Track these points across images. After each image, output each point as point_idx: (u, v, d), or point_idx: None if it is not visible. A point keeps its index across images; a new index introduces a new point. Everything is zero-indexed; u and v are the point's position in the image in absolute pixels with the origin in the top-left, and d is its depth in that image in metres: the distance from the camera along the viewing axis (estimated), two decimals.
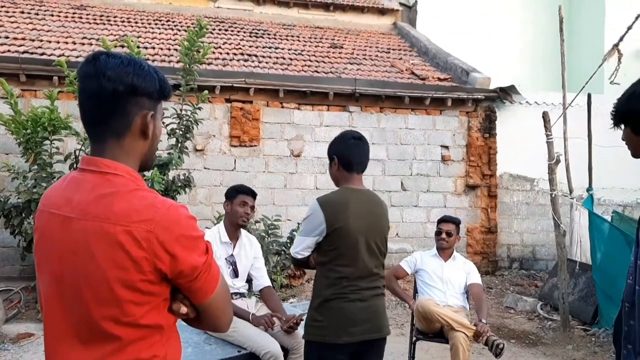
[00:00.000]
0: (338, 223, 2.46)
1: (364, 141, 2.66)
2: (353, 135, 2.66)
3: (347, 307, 2.46)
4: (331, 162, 2.64)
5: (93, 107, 1.27)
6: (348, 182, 2.60)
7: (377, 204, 2.64)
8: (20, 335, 5.33)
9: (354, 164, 2.59)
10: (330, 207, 2.49)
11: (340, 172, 2.61)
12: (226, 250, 3.61)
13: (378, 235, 2.58)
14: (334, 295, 2.47)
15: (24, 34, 8.24)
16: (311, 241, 2.53)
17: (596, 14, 11.94)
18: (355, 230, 2.47)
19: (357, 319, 2.47)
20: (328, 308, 2.47)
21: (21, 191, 5.81)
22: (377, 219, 2.59)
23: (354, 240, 2.47)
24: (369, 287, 2.53)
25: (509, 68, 11.58)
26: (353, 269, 2.48)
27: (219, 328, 1.38)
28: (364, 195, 2.59)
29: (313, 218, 2.51)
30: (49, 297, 1.26)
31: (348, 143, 2.62)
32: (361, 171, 2.63)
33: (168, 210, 1.21)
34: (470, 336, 3.94)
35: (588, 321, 6.14)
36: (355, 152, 2.61)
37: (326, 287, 2.50)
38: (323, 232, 2.48)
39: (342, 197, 2.55)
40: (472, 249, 8.75)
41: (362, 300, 2.49)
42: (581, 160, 6.90)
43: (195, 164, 7.65)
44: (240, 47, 9.45)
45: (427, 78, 9.09)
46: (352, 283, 2.47)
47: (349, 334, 2.44)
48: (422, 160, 8.68)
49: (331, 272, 2.49)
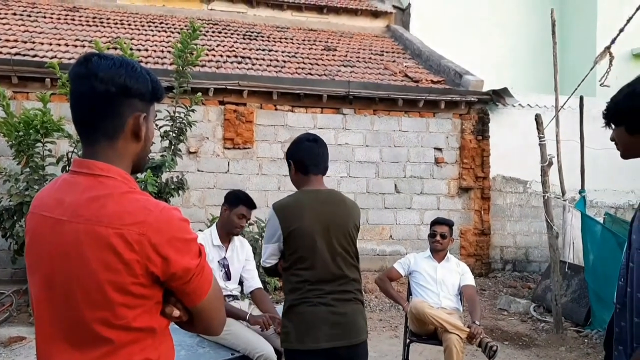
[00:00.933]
0: (293, 226, 2.42)
1: (319, 143, 2.61)
2: (307, 138, 2.63)
3: (310, 312, 2.39)
4: (289, 167, 2.62)
5: (85, 109, 1.26)
6: (306, 185, 2.56)
7: (337, 203, 2.56)
8: (11, 339, 5.30)
9: (309, 166, 2.55)
10: (284, 211, 2.47)
11: (298, 175, 2.58)
12: (218, 253, 3.60)
13: (342, 235, 2.49)
14: (297, 300, 2.42)
15: (16, 36, 8.21)
16: (273, 248, 2.51)
17: (588, 17, 12.03)
18: (311, 231, 2.42)
19: (322, 323, 2.38)
20: (293, 313, 2.43)
21: (13, 194, 5.77)
22: (338, 217, 2.50)
23: (311, 242, 2.41)
24: (336, 290, 2.43)
25: (501, 71, 11.64)
26: (313, 271, 2.41)
27: (212, 331, 1.38)
28: (321, 196, 2.53)
29: (270, 224, 2.50)
30: (41, 300, 1.25)
31: (302, 146, 2.59)
32: (319, 172, 2.58)
33: (160, 213, 1.20)
34: (463, 338, 3.95)
35: (581, 323, 6.17)
36: (309, 154, 2.56)
37: (290, 292, 2.46)
38: (280, 237, 2.45)
39: (296, 199, 2.52)
40: (466, 251, 8.77)
41: (327, 305, 2.40)
42: (574, 163, 6.94)
43: (188, 167, 7.63)
44: (233, 49, 9.44)
45: (421, 80, 9.11)
46: (315, 287, 2.41)
47: (313, 339, 2.36)
48: (416, 162, 8.70)
49: (293, 277, 2.45)
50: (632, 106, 1.68)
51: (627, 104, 1.69)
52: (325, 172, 2.62)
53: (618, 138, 1.76)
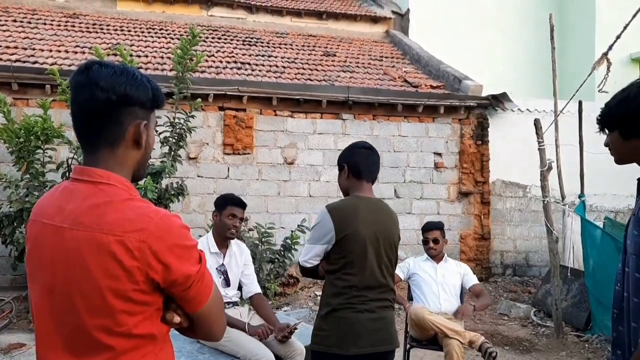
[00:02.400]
0: (347, 230, 2.43)
1: (374, 152, 2.69)
2: (364, 145, 2.69)
3: (354, 318, 2.41)
4: (341, 170, 2.64)
5: (86, 117, 1.27)
6: (357, 191, 2.58)
7: (387, 212, 2.62)
8: (11, 346, 5.29)
9: (363, 172, 2.59)
10: (339, 214, 2.47)
11: (350, 180, 2.61)
12: (216, 260, 3.59)
13: (388, 244, 2.53)
14: (341, 305, 2.42)
15: (16, 43, 8.23)
16: (320, 249, 2.50)
17: (587, 22, 12.06)
18: (364, 237, 2.44)
19: (365, 330, 2.41)
20: (335, 318, 2.43)
21: (13, 200, 5.76)
22: (386, 227, 2.56)
23: (363, 248, 2.43)
24: (378, 298, 2.48)
25: (500, 75, 11.66)
26: (361, 277, 2.43)
27: (213, 337, 1.38)
28: (373, 204, 2.57)
29: (322, 225, 2.48)
30: (41, 307, 1.26)
31: (358, 152, 2.64)
32: (371, 180, 2.63)
33: (161, 220, 1.21)
34: (464, 343, 3.96)
35: (581, 327, 6.16)
36: (365, 160, 2.61)
37: (334, 295, 2.46)
38: (332, 239, 2.44)
39: (351, 204, 2.53)
40: (466, 255, 8.76)
41: (370, 311, 2.43)
42: (573, 167, 6.94)
43: (188, 172, 7.63)
44: (233, 55, 9.46)
45: (420, 86, 9.13)
46: (360, 293, 2.43)
47: (357, 345, 2.39)
48: (415, 167, 8.70)
49: (339, 281, 2.45)
50: (625, 111, 1.68)
51: (620, 109, 1.70)
52: (374, 182, 2.66)
53: (612, 143, 1.76)
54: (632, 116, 1.67)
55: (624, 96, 1.70)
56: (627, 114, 1.68)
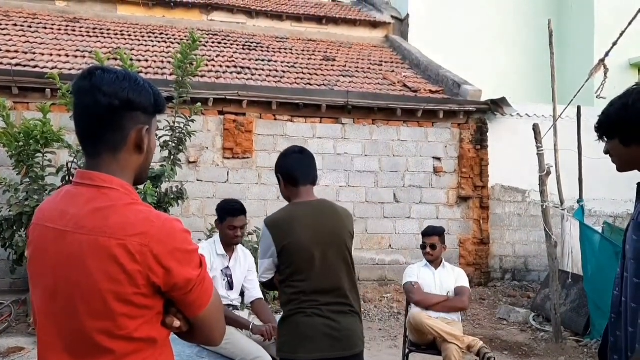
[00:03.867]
0: (286, 240, 2.42)
1: (305, 153, 2.63)
2: (293, 150, 2.65)
3: (304, 322, 2.39)
4: (279, 181, 2.62)
5: (88, 122, 1.27)
6: (297, 197, 2.55)
7: (329, 212, 2.56)
8: (10, 350, 5.28)
9: (298, 178, 2.54)
10: (276, 226, 2.47)
11: (288, 188, 2.58)
12: (222, 262, 3.64)
13: (337, 245, 2.49)
14: (292, 311, 2.42)
15: (16, 47, 8.24)
16: (268, 263, 2.50)
17: (585, 27, 12.10)
18: (306, 244, 2.41)
19: (315, 334, 2.38)
20: (288, 323, 2.44)
21: (13, 204, 5.77)
22: (332, 227, 2.50)
23: (307, 254, 2.41)
24: (331, 302, 2.43)
25: (500, 80, 11.67)
26: (309, 282, 2.41)
27: (212, 341, 1.39)
28: (313, 206, 2.53)
29: (264, 240, 2.50)
30: (42, 310, 1.26)
31: (288, 158, 2.60)
32: (309, 183, 2.57)
33: (163, 224, 1.22)
34: (463, 348, 3.96)
35: (580, 332, 6.16)
36: (297, 165, 2.56)
37: (285, 303, 2.47)
38: (274, 252, 2.45)
39: (287, 213, 2.52)
40: (465, 260, 8.77)
41: (321, 316, 2.39)
42: (572, 172, 6.96)
43: (188, 176, 7.64)
44: (233, 59, 9.49)
45: (419, 90, 9.16)
46: (310, 298, 2.40)
47: (306, 349, 2.36)
48: (415, 172, 8.72)
49: (288, 288, 2.45)
50: (625, 118, 1.67)
51: (620, 116, 1.68)
52: (315, 183, 2.61)
53: (613, 150, 1.75)
54: (632, 123, 1.66)
55: (622, 103, 1.69)
56: (627, 121, 1.66)
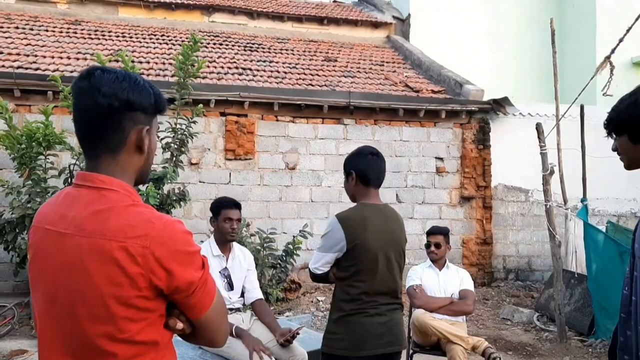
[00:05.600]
0: (357, 240, 2.50)
1: (380, 157, 2.71)
2: (370, 151, 2.71)
3: (366, 322, 2.50)
4: (348, 176, 2.68)
5: (88, 123, 1.26)
6: (365, 197, 2.64)
7: (394, 219, 2.69)
8: (13, 352, 5.27)
9: (371, 179, 2.64)
10: (349, 224, 2.53)
11: (358, 186, 2.65)
12: (219, 264, 3.59)
13: (397, 250, 2.62)
14: (353, 311, 2.52)
15: (18, 49, 8.25)
16: (331, 257, 2.58)
17: (588, 26, 12.07)
18: (374, 246, 2.51)
19: (376, 332, 2.50)
20: (347, 322, 2.52)
21: (15, 206, 5.77)
22: (394, 234, 2.64)
23: (373, 257, 2.51)
24: (388, 302, 2.57)
25: (502, 80, 11.67)
26: (372, 284, 2.52)
27: (215, 343, 1.37)
28: (381, 211, 2.64)
29: (332, 234, 2.55)
30: (43, 314, 1.25)
31: (366, 158, 2.67)
32: (378, 186, 2.68)
33: (164, 226, 1.20)
34: (467, 348, 3.94)
35: (585, 332, 6.14)
36: (372, 167, 2.65)
37: (346, 302, 2.54)
38: (343, 248, 2.52)
39: (360, 213, 2.59)
40: (468, 260, 8.74)
41: (380, 315, 2.53)
42: (575, 171, 6.94)
43: (190, 178, 7.64)
44: (234, 61, 9.48)
45: (421, 90, 9.14)
46: (371, 298, 2.52)
47: (371, 347, 2.49)
48: (417, 172, 8.70)
49: (351, 288, 2.53)
50: (635, 115, 1.66)
51: (629, 112, 1.68)
52: (380, 186, 2.71)
53: (621, 148, 1.74)
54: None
55: (632, 100, 1.69)
56: (636, 118, 1.66)
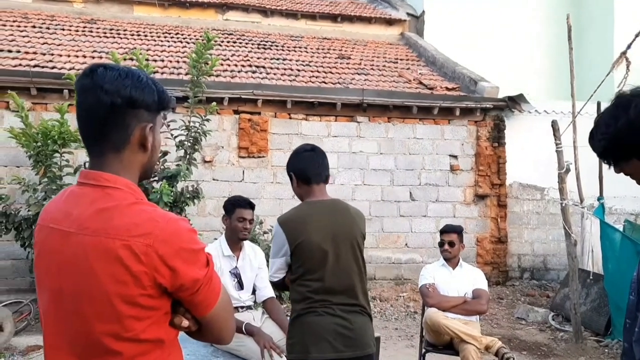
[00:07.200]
0: (299, 239, 2.42)
1: (317, 151, 2.63)
2: (305, 148, 2.65)
3: (315, 322, 2.39)
4: (291, 180, 2.61)
5: (91, 121, 1.26)
6: (309, 196, 2.55)
7: (342, 212, 2.56)
8: (29, 348, 5.35)
9: (311, 176, 2.55)
10: (289, 224, 2.47)
11: (300, 187, 2.58)
12: (229, 263, 3.57)
13: (349, 244, 2.49)
14: (304, 310, 2.42)
15: (35, 48, 8.35)
16: (280, 262, 2.51)
17: (605, 22, 11.88)
18: (319, 243, 2.42)
19: (328, 334, 2.37)
20: (300, 323, 2.43)
21: (31, 204, 5.85)
22: (343, 227, 2.50)
23: (320, 253, 2.42)
24: (343, 302, 2.43)
25: (517, 77, 11.52)
26: (321, 282, 2.41)
27: (222, 340, 1.37)
28: (326, 206, 2.55)
29: (276, 239, 2.50)
30: (48, 312, 1.25)
31: (301, 156, 2.61)
32: (321, 181, 2.58)
33: (167, 224, 1.19)
34: (481, 348, 3.91)
35: (601, 332, 6.06)
36: (310, 164, 2.57)
37: (297, 302, 2.46)
38: (287, 251, 2.45)
39: (301, 212, 2.52)
40: (482, 259, 8.67)
41: (334, 315, 2.40)
42: (592, 169, 6.82)
43: (203, 176, 7.67)
44: (248, 58, 9.50)
45: (435, 88, 9.08)
46: (322, 297, 2.41)
47: (319, 349, 2.36)
48: (431, 170, 8.65)
49: (300, 287, 2.45)
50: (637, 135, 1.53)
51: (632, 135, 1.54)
52: (327, 181, 2.62)
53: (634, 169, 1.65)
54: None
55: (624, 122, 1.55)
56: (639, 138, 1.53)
